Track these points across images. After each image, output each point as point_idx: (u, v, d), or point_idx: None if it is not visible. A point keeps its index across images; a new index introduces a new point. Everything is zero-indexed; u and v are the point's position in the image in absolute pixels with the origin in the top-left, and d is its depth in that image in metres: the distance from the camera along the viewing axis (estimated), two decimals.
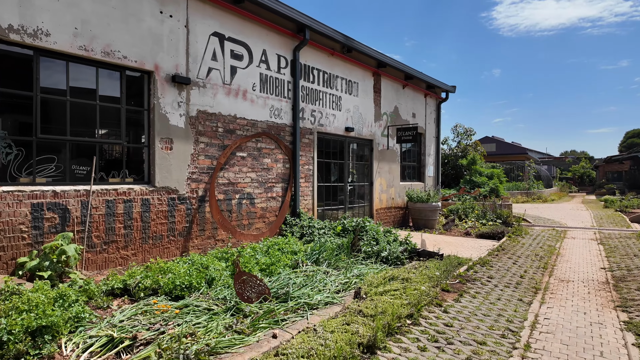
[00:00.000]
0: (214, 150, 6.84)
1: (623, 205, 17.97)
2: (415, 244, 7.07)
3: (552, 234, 11.19)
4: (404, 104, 12.58)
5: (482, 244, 8.76)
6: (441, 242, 8.81)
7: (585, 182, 50.09)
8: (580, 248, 8.93)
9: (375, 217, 11.20)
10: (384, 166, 11.59)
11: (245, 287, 3.88)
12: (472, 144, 20.10)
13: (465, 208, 13.56)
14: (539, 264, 7.11)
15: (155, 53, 6.04)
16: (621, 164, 37.62)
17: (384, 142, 11.60)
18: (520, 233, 10.63)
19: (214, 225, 6.81)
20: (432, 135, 14.33)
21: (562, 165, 58.33)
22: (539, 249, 8.61)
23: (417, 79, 12.71)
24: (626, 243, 9.22)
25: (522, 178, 28.58)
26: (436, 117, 14.56)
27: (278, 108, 8.07)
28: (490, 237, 9.79)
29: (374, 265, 5.85)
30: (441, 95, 14.66)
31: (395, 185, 12.17)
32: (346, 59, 9.89)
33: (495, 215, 13.01)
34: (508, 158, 41.00)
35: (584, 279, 6.20)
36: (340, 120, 9.84)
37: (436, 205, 11.84)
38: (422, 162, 13.89)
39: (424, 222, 11.93)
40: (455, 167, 19.08)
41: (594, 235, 10.99)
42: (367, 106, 10.87)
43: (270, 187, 7.92)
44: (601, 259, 7.74)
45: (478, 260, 6.74)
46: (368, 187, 11.13)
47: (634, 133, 67.29)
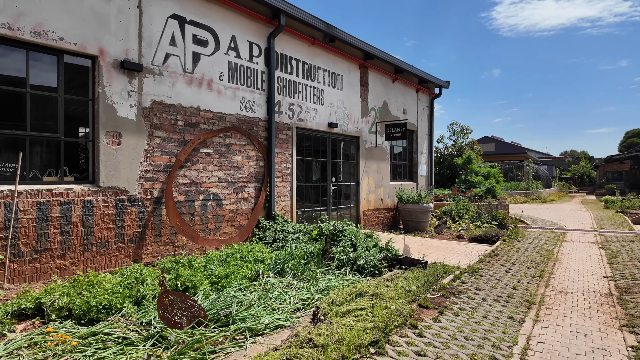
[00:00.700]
0: (172, 145, 6.14)
1: (624, 206, 17.30)
2: (397, 250, 6.38)
3: (550, 236, 10.50)
4: (394, 99, 11.89)
5: (474, 248, 8.06)
6: (429, 247, 8.12)
7: (585, 182, 49.44)
8: (580, 253, 8.24)
9: (362, 219, 10.50)
10: (371, 165, 10.89)
11: (174, 310, 3.18)
12: (469, 143, 19.41)
13: (459, 209, 12.87)
14: (534, 271, 6.42)
15: (100, 35, 5.34)
16: (621, 164, 36.96)
17: (372, 139, 10.90)
18: (516, 236, 9.93)
19: (172, 230, 6.11)
20: (424, 132, 13.64)
21: (561, 165, 57.69)
22: (536, 254, 7.92)
23: (407, 72, 12.02)
24: (629, 247, 8.53)
25: (520, 178, 27.90)
26: (429, 114, 13.87)
27: (250, 100, 7.38)
28: (484, 240, 9.09)
29: (346, 276, 5.15)
30: (434, 91, 13.96)
31: (385, 185, 11.48)
32: (329, 49, 9.20)
33: (491, 216, 12.32)
34: (507, 158, 40.38)
35: (584, 289, 5.51)
36: (323, 115, 9.15)
37: (427, 206, 11.15)
38: (414, 160, 13.20)
39: (415, 224, 11.24)
40: (451, 167, 18.39)
41: (595, 238, 10.30)
42: (353, 101, 10.18)
43: (241, 187, 7.22)
44: (603, 265, 7.05)
45: (467, 269, 6.04)
46: (354, 187, 10.43)
47: (634, 133, 66.68)
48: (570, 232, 11.55)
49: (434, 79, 13.24)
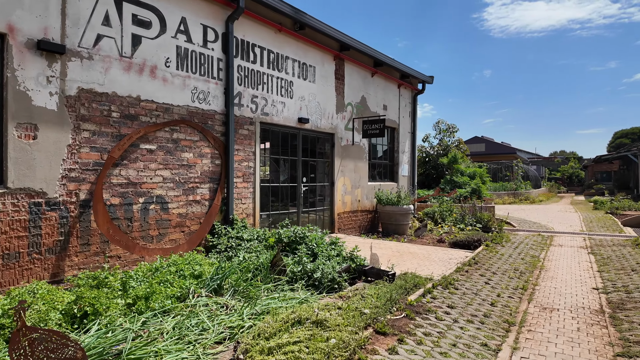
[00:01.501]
0: (104, 140, 5.34)
1: (613, 207, 16.82)
2: (364, 259, 5.65)
3: (537, 240, 9.87)
4: (373, 94, 11.18)
5: (453, 255, 7.38)
6: (405, 254, 7.41)
7: (574, 182, 49.40)
8: (568, 259, 7.60)
9: (337, 222, 9.77)
10: (348, 164, 10.17)
11: (37, 352, 2.40)
12: (455, 142, 18.79)
13: (442, 211, 12.20)
14: (517, 282, 5.74)
15: (9, 10, 4.52)
16: (610, 164, 36.80)
17: (348, 136, 10.18)
18: (501, 240, 9.28)
19: (103, 238, 5.31)
20: (406, 130, 12.96)
21: (551, 165, 57.70)
22: (520, 261, 7.25)
23: (388, 66, 11.31)
24: (620, 253, 7.92)
25: (509, 178, 27.44)
26: (412, 111, 13.19)
27: (204, 91, 6.59)
28: (465, 245, 8.42)
29: (297, 292, 4.40)
30: (417, 87, 13.29)
31: (363, 185, 10.76)
32: (299, 37, 8.45)
33: (475, 219, 11.68)
34: (497, 158, 40.08)
35: (572, 305, 4.84)
36: (292, 109, 8.39)
37: (407, 208, 10.46)
38: (395, 159, 12.51)
39: (395, 227, 10.55)
40: (437, 167, 17.76)
41: (584, 242, 9.70)
42: (327, 95, 9.44)
43: (193, 189, 6.44)
44: (593, 274, 6.40)
45: (441, 280, 5.34)
46: (328, 187, 9.70)
47: (622, 133, 67.03)
48: (558, 235, 10.95)
49: (416, 74, 12.56)
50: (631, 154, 28.42)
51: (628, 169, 31.79)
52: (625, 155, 30.33)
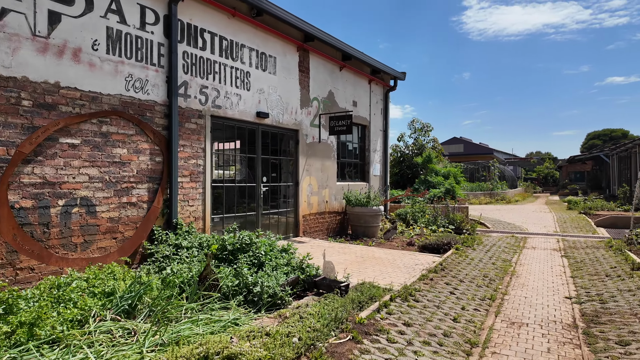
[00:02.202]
0: (11, 133, 4.55)
1: (587, 207, 16.78)
2: (317, 268, 5.04)
3: (510, 242, 9.50)
4: (342, 89, 10.61)
5: (420, 260, 6.86)
6: (368, 259, 6.85)
7: (549, 182, 50.28)
8: (541, 263, 7.20)
9: (302, 225, 9.14)
10: (314, 163, 9.56)
11: None
12: (430, 141, 18.46)
13: (414, 212, 11.75)
14: (485, 292, 5.24)
15: None
16: (584, 164, 37.47)
17: (315, 133, 9.57)
18: (472, 243, 8.84)
19: (9, 248, 4.52)
20: (378, 128, 12.45)
21: (527, 165, 58.67)
22: (491, 266, 6.79)
23: (357, 60, 10.76)
24: (594, 255, 7.57)
25: (485, 178, 27.43)
26: (384, 108, 12.69)
27: (141, 78, 5.86)
28: (435, 249, 7.93)
29: (229, 312, 3.74)
30: (389, 83, 12.80)
31: (331, 185, 10.17)
32: (257, 24, 7.78)
33: (448, 220, 11.27)
34: (475, 158, 40.41)
35: (542, 318, 4.35)
36: (250, 102, 7.72)
37: (377, 209, 9.93)
38: (367, 158, 11.97)
39: (364, 230, 10.00)
40: (411, 166, 17.37)
41: (557, 244, 9.38)
42: (290, 88, 8.80)
43: (127, 189, 5.69)
44: (565, 280, 5.98)
45: (401, 291, 4.77)
46: (293, 188, 9.06)
47: (595, 135, 68.92)
48: (532, 236, 10.64)
49: (388, 69, 12.07)
50: (603, 154, 28.88)
51: (600, 170, 32.38)
52: (597, 156, 30.85)
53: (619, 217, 12.79)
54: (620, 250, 7.51)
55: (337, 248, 7.83)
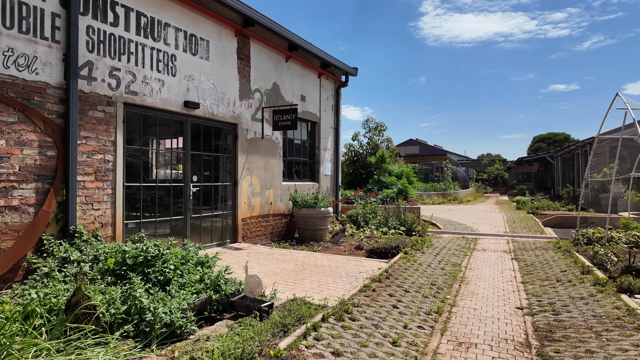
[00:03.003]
0: None
1: (534, 207, 17.17)
2: (240, 283, 4.23)
3: (460, 244, 9.17)
4: (288, 82, 9.85)
5: (365, 266, 6.23)
6: (308, 268, 6.12)
7: (499, 182, 52.45)
8: (491, 267, 6.82)
9: (242, 229, 8.27)
10: (256, 161, 8.71)
11: None
12: (384, 140, 18.15)
13: (365, 213, 11.22)
14: (431, 304, 4.67)
15: None
16: (530, 166, 39.23)
17: (257, 128, 8.73)
18: (422, 246, 8.39)
19: None
20: (329, 125, 11.81)
21: (478, 167, 60.99)
22: (440, 271, 6.30)
23: (306, 51, 10.05)
24: (544, 258, 7.33)
25: (438, 179, 27.78)
26: (335, 104, 12.08)
27: (27, 54, 4.76)
28: (382, 254, 7.36)
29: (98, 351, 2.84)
30: (340, 79, 12.21)
31: (276, 185, 9.37)
32: (185, 2, 6.84)
33: (399, 221, 10.84)
34: (430, 159, 41.30)
35: (493, 336, 3.82)
36: (176, 90, 6.75)
37: (326, 211, 9.26)
38: (317, 157, 11.29)
39: (311, 233, 9.29)
40: (366, 166, 16.95)
41: (507, 245, 9.17)
42: (227, 77, 7.91)
43: (6, 190, 4.58)
44: (516, 286, 5.58)
45: (337, 308, 4.08)
46: (230, 188, 8.17)
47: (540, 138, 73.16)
48: (483, 237, 10.44)
49: (339, 64, 11.46)
50: (548, 156, 30.23)
51: (546, 171, 33.96)
52: (543, 158, 32.31)
53: (565, 216, 13.01)
54: (568, 252, 7.32)
55: (277, 255, 7.05)
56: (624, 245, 7.82)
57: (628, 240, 7.92)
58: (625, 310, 4.02)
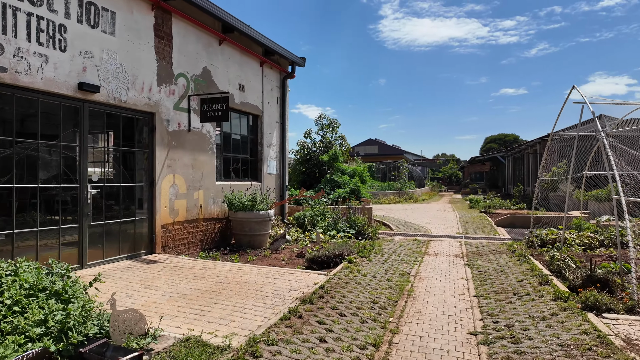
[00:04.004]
0: None
1: (487, 206, 17.08)
2: (107, 318, 3.10)
3: (411, 248, 8.47)
4: (223, 68, 8.69)
5: (300, 281, 5.26)
6: (229, 287, 5.06)
7: (453, 181, 53.75)
8: (443, 276, 6.10)
9: (162, 237, 7.04)
10: (181, 157, 7.50)
11: None
12: (338, 138, 17.36)
13: (313, 215, 10.30)
14: (369, 332, 3.78)
15: None
16: (483, 165, 40.26)
17: (182, 119, 7.52)
18: (369, 253, 7.58)
19: None
20: (274, 119, 10.77)
21: (434, 166, 62.36)
22: (385, 284, 5.47)
23: (244, 35, 8.94)
24: (498, 263, 6.73)
25: (394, 178, 27.54)
26: (280, 96, 11.05)
27: None
28: (324, 263, 6.45)
29: None
30: (286, 69, 11.20)
31: (207, 186, 8.19)
32: None
33: (349, 223, 10.02)
34: (388, 159, 41.58)
35: None
36: (66, 68, 5.43)
37: (265, 214, 8.22)
38: (259, 154, 10.21)
39: (249, 239, 8.22)
40: (318, 165, 16.06)
41: (460, 248, 8.59)
42: (141, 57, 6.65)
43: None
44: (469, 301, 4.85)
45: (241, 351, 3.06)
46: (146, 189, 6.91)
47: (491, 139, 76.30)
48: (435, 239, 9.84)
49: (284, 52, 10.45)
50: (500, 155, 30.93)
51: (497, 170, 34.87)
52: (495, 157, 33.10)
53: (517, 216, 12.81)
54: (524, 257, 6.77)
55: (197, 270, 5.91)
56: (578, 248, 7.44)
57: (582, 242, 7.54)
58: (595, 337, 3.33)
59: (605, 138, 5.15)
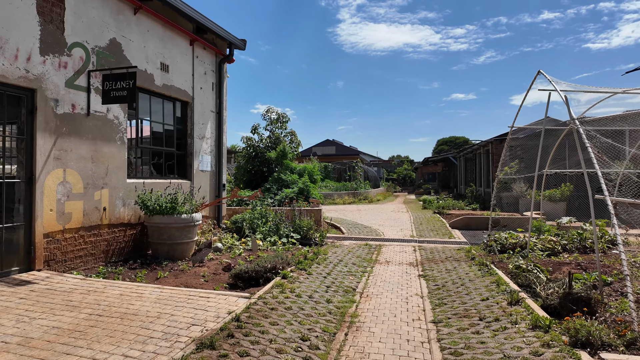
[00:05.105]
0: None
1: (440, 206, 16.64)
2: None
3: (361, 255, 7.47)
4: (140, 42, 7.19)
5: (208, 309, 4.00)
6: (106, 320, 3.69)
7: (407, 182, 54.34)
8: (394, 292, 5.10)
9: (46, 249, 5.46)
10: (76, 147, 5.95)
11: None
12: (288, 134, 16.14)
13: (253, 219, 9.02)
14: None
15: None
16: (435, 166, 40.76)
17: (78, 100, 5.97)
18: (311, 263, 6.44)
19: None
20: (208, 108, 9.35)
21: (389, 167, 62.94)
22: (323, 307, 4.34)
23: (166, 5, 7.46)
24: (457, 274, 5.85)
25: (349, 178, 26.81)
26: (217, 82, 9.65)
27: None
28: (252, 279, 5.23)
29: None
30: (224, 51, 9.82)
31: (114, 184, 6.67)
32: None
33: (293, 227, 8.85)
34: (345, 160, 41.49)
35: None
36: None
37: (188, 218, 6.84)
38: (189, 147, 8.76)
39: (168, 249, 6.81)
40: (266, 162, 14.76)
41: (414, 254, 7.71)
42: (14, 16, 5.07)
43: None
44: (426, 331, 3.84)
45: None
46: (23, 187, 5.31)
47: (443, 141, 78.72)
48: (388, 244, 8.93)
49: (220, 31, 9.07)
50: (452, 156, 31.20)
51: (449, 170, 35.30)
52: (447, 158, 33.42)
53: (472, 217, 12.29)
54: (485, 266, 5.94)
55: (74, 295, 4.46)
56: (541, 253, 6.77)
57: (544, 246, 6.88)
58: None
59: (580, 127, 4.37)
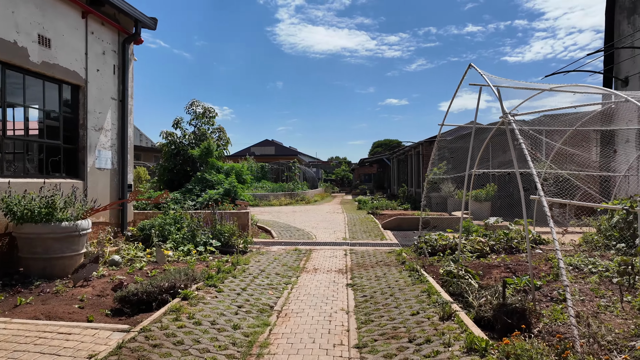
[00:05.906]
0: None
1: (374, 207, 16.49)
2: None
3: (288, 262, 6.69)
4: (4, 6, 5.73)
5: (62, 356, 2.93)
6: None
7: (345, 183, 54.93)
8: (317, 309, 4.38)
9: None
10: None
11: None
12: (216, 130, 14.88)
13: (164, 225, 7.82)
14: None
15: None
16: (371, 167, 41.46)
17: None
18: (225, 277, 5.51)
19: None
20: (108, 94, 7.96)
21: (328, 168, 63.23)
22: (226, 337, 3.47)
23: None
24: (386, 282, 5.29)
25: (286, 178, 26.00)
26: (120, 65, 8.28)
27: None
28: (143, 303, 4.19)
29: None
30: (129, 30, 8.46)
31: None
32: None
33: (213, 233, 7.82)
34: (284, 159, 40.81)
35: None
36: None
37: (71, 227, 5.55)
38: (82, 140, 7.33)
39: (45, 265, 5.48)
40: (189, 161, 13.40)
41: (345, 259, 7.11)
42: None
43: None
44: (347, 358, 3.14)
45: None
46: None
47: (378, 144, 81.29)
48: (319, 248, 8.27)
49: (122, 4, 7.73)
50: (385, 157, 31.75)
51: (384, 171, 36.00)
52: (381, 159, 34.02)
53: (404, 217, 12.10)
54: (416, 272, 5.46)
55: None
56: (470, 255, 6.50)
57: (473, 247, 6.64)
58: None
59: (514, 121, 3.99)
